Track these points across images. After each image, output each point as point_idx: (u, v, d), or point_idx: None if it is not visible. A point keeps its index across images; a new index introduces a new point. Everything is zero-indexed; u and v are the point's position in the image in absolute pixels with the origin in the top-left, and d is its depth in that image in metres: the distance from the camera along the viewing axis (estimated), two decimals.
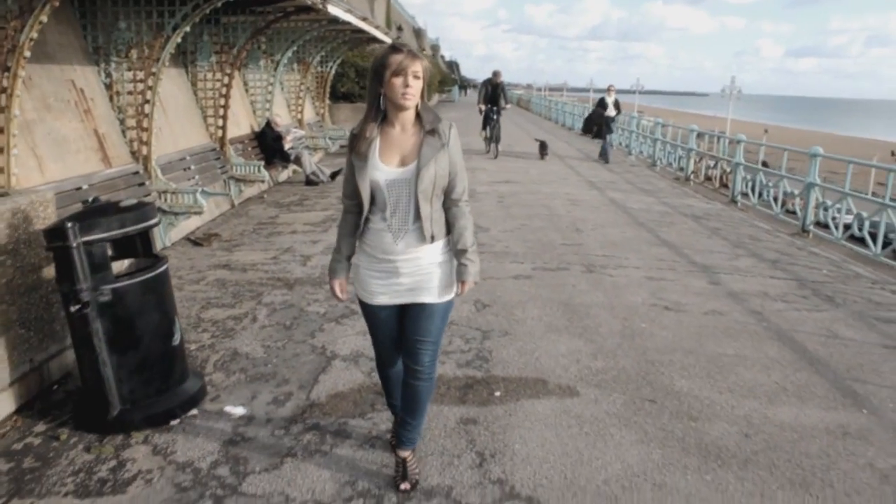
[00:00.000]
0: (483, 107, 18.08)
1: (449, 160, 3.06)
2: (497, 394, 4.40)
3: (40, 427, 4.08)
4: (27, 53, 6.05)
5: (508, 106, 20.36)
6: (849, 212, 9.36)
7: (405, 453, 3.47)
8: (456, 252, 3.19)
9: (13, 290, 4.19)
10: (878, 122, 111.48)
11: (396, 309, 3.24)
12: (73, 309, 3.84)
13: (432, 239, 3.09)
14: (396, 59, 2.94)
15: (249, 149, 12.79)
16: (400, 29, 44.51)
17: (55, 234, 3.83)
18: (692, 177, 15.26)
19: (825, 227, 9.91)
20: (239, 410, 4.21)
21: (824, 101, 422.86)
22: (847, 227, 9.42)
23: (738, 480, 3.50)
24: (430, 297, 3.16)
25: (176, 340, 4.22)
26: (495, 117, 17.91)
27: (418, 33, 64.97)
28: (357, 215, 3.18)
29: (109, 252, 3.99)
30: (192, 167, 10.29)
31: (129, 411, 4.03)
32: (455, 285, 3.22)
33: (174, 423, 4.07)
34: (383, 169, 3.03)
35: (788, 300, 6.48)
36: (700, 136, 15.77)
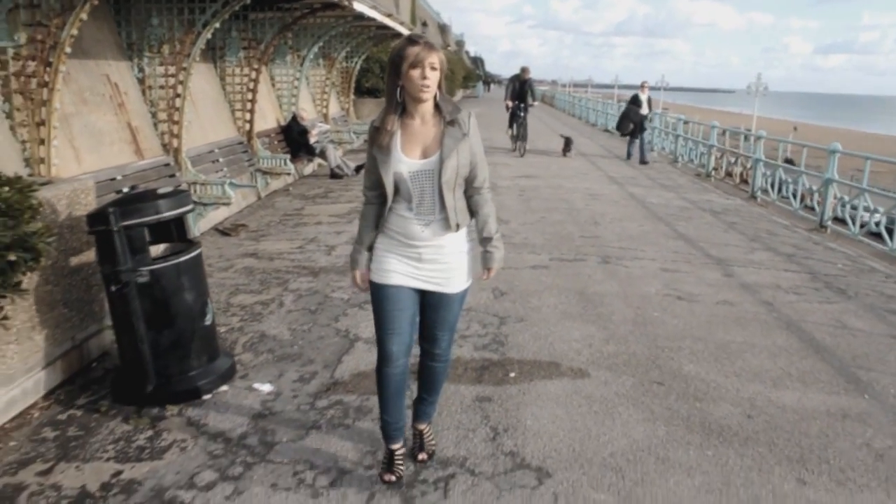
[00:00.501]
0: (510, 103, 17.63)
1: (470, 150, 3.10)
2: (511, 375, 4.61)
3: (81, 400, 4.35)
4: (68, 49, 6.35)
5: (536, 103, 19.88)
6: (867, 208, 9.45)
7: (422, 426, 3.61)
8: (481, 239, 3.27)
9: (57, 271, 4.45)
10: None
11: (412, 293, 3.25)
12: (113, 289, 4.11)
13: (457, 227, 3.13)
14: (413, 51, 2.96)
15: (276, 142, 13.07)
16: (425, 25, 44.74)
17: (98, 218, 4.10)
18: (713, 173, 15.35)
19: (843, 222, 9.99)
20: (267, 387, 4.46)
21: (854, 98, 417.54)
22: (864, 224, 9.51)
23: (738, 456, 3.68)
24: (451, 287, 3.22)
25: (208, 320, 4.48)
26: (522, 115, 17.54)
27: (443, 29, 65.15)
28: (379, 206, 3.23)
29: (147, 236, 4.24)
30: (221, 160, 10.59)
31: (165, 386, 4.29)
32: (471, 273, 3.29)
33: (206, 397, 4.32)
34: (406, 161, 3.07)
35: (800, 292, 6.62)
36: (721, 132, 15.83)
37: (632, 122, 17.37)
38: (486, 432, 3.87)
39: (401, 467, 3.44)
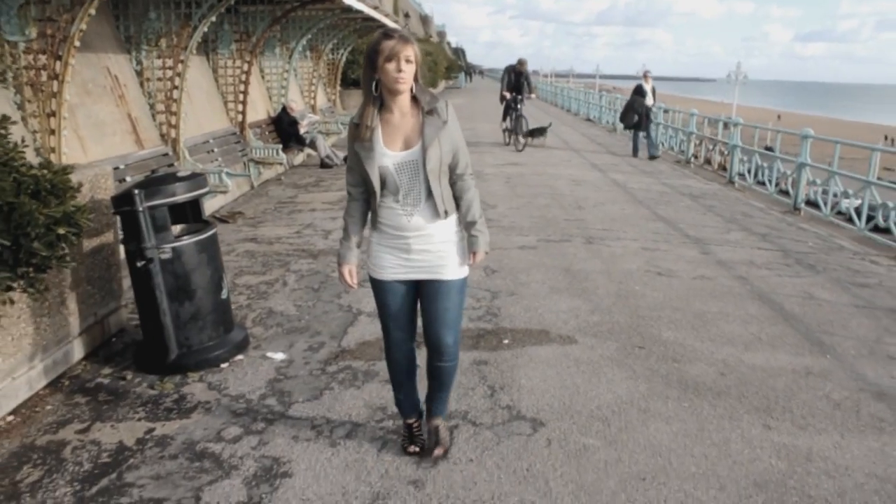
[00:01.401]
0: (508, 95, 16.94)
1: (450, 137, 3.13)
2: (505, 342, 5.01)
3: (106, 370, 4.69)
4: (77, 43, 6.65)
5: (533, 95, 19.37)
6: (836, 192, 9.92)
7: (437, 422, 3.62)
8: (466, 224, 3.29)
9: (81, 251, 4.78)
10: (888, 107, 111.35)
11: (411, 286, 3.29)
12: (139, 264, 4.45)
13: (445, 214, 3.16)
14: (388, 44, 2.98)
15: (267, 133, 13.39)
16: (407, 16, 44.95)
17: (124, 199, 4.44)
18: (692, 160, 15.80)
19: (816, 206, 10.45)
20: (279, 356, 4.83)
21: (833, 86, 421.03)
22: (834, 206, 9.98)
23: (711, 406, 4.10)
24: (445, 273, 3.23)
25: (224, 294, 4.84)
26: (519, 107, 16.93)
27: (425, 20, 65.36)
28: (363, 202, 3.29)
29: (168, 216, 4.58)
30: (216, 150, 10.90)
31: (185, 355, 4.64)
32: (467, 259, 3.33)
33: (224, 366, 4.68)
34: (389, 154, 3.10)
35: (772, 268, 7.06)
36: (701, 120, 16.28)
37: (636, 114, 16.37)
38: (484, 390, 4.27)
39: (422, 438, 3.61)
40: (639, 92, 16.80)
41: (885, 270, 7.29)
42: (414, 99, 3.13)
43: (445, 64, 53.38)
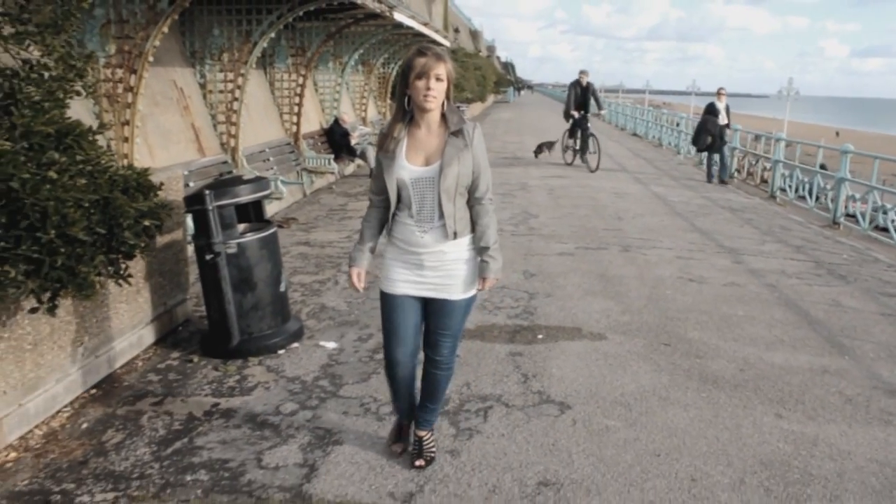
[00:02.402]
0: (576, 114, 15.71)
1: (472, 160, 3.15)
2: (539, 336, 5.38)
3: (175, 354, 5.18)
4: (150, 59, 7.23)
5: (603, 112, 18.28)
6: (875, 205, 10.07)
7: (423, 433, 3.64)
8: (478, 249, 3.28)
9: (155, 245, 5.29)
10: None
11: (417, 302, 3.34)
12: (208, 258, 4.93)
13: (455, 236, 3.18)
14: (420, 62, 3.03)
15: (319, 143, 13.95)
16: (457, 31, 45.60)
17: (195, 199, 4.93)
18: (735, 174, 15.95)
19: (856, 219, 10.61)
20: (331, 345, 5.27)
21: (892, 102, 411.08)
22: (873, 220, 10.13)
23: (728, 397, 4.42)
24: (454, 294, 3.27)
25: (282, 288, 5.30)
26: (588, 125, 15.78)
27: (474, 35, 66.01)
28: (383, 210, 3.33)
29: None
30: (271, 158, 11.47)
31: (247, 342, 5.10)
32: (476, 284, 3.33)
33: (281, 352, 5.13)
34: (408, 168, 3.14)
35: (803, 277, 7.30)
36: (744, 135, 16.44)
37: (710, 135, 14.85)
38: (517, 377, 4.65)
39: (408, 439, 3.71)
40: (711, 111, 15.23)
41: None
42: (443, 117, 3.16)
43: (494, 78, 53.87)
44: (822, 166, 13.60)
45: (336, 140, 14.10)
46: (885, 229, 9.91)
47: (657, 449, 3.78)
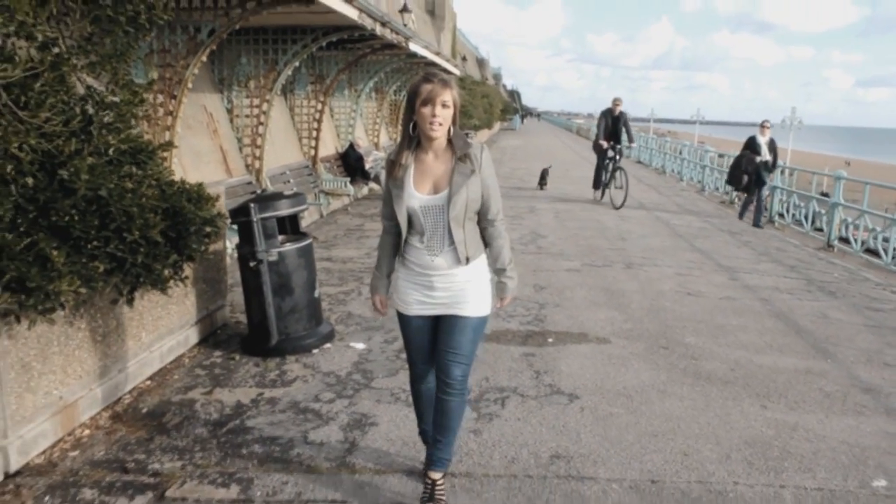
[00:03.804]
0: (605, 144, 14.55)
1: (481, 184, 3.15)
2: (549, 340, 5.91)
3: (217, 353, 5.70)
4: (190, 85, 7.83)
5: (634, 145, 16.87)
6: (866, 228, 10.61)
7: (436, 475, 3.47)
8: (495, 270, 3.36)
9: (199, 254, 5.84)
10: None
11: (431, 321, 3.36)
12: (251, 264, 5.48)
13: (467, 261, 3.20)
14: (426, 88, 3.03)
15: (335, 167, 14.57)
16: (464, 59, 46.46)
17: (241, 212, 5.49)
18: (736, 200, 16.50)
19: (849, 242, 11.14)
20: (360, 346, 5.79)
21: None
22: (864, 242, 10.67)
23: (719, 391, 4.93)
24: (464, 310, 3.26)
25: (316, 294, 5.84)
26: (618, 157, 14.64)
27: (481, 63, 67.06)
28: (396, 235, 3.35)
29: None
30: (291, 180, 12.06)
31: (284, 342, 5.63)
32: (491, 301, 3.38)
33: (315, 351, 5.66)
34: (417, 196, 3.15)
35: (794, 293, 7.82)
36: None
37: (745, 174, 13.23)
38: (530, 373, 5.17)
39: (443, 498, 3.49)
40: (751, 146, 13.42)
41: None
42: (450, 142, 3.16)
43: (501, 106, 54.77)
44: (825, 194, 13.95)
45: (351, 164, 14.71)
46: (877, 252, 10.43)
47: (655, 431, 4.29)
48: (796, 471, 3.88)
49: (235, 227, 5.70)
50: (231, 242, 7.31)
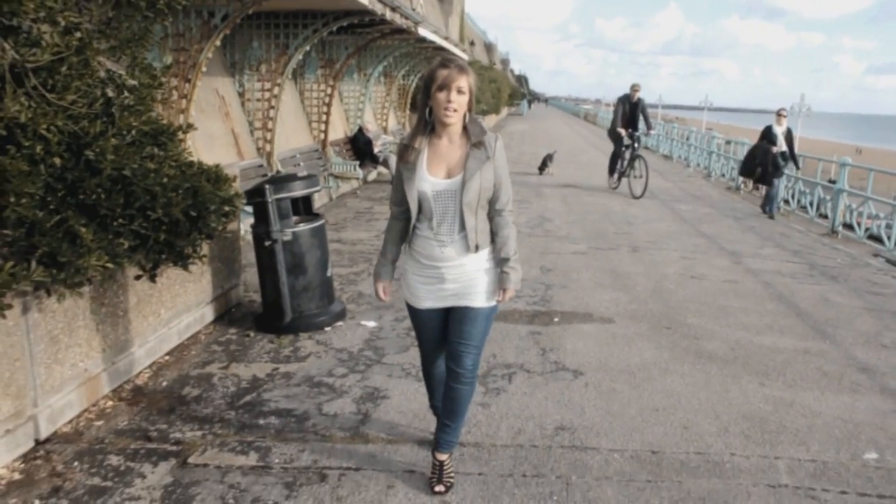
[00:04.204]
0: (623, 132, 13.97)
1: (494, 172, 3.15)
2: (555, 319, 6.07)
3: (233, 330, 5.88)
4: (204, 69, 7.98)
5: (653, 132, 16.34)
6: (870, 215, 10.72)
7: (443, 456, 3.53)
8: (499, 261, 3.30)
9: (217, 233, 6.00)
10: None
11: (442, 312, 3.37)
12: (266, 244, 5.64)
13: (476, 249, 3.19)
14: (443, 73, 3.03)
15: (344, 151, 14.71)
16: (472, 44, 46.42)
17: (257, 192, 5.64)
18: (742, 186, 16.60)
19: (853, 228, 11.25)
20: (371, 324, 5.96)
21: None
22: (867, 228, 10.79)
23: (719, 369, 5.09)
24: (474, 301, 3.27)
25: (328, 273, 6.00)
26: (636, 145, 14.08)
27: (489, 48, 66.90)
28: (404, 222, 3.34)
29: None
30: (301, 164, 12.21)
31: (297, 319, 5.80)
32: (498, 292, 3.35)
33: (327, 329, 5.83)
34: (430, 180, 3.13)
35: (796, 277, 7.96)
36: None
37: (759, 165, 12.68)
38: (537, 351, 5.34)
39: (451, 477, 3.55)
40: (767, 136, 12.85)
41: None
42: (465, 129, 3.16)
43: (508, 91, 54.73)
44: (832, 181, 13.95)
45: (360, 147, 14.86)
46: (880, 239, 10.54)
47: (656, 405, 4.46)
48: (791, 444, 4.03)
49: (249, 208, 5.87)
50: (244, 224, 7.47)
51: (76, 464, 3.76)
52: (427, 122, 3.16)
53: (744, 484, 3.60)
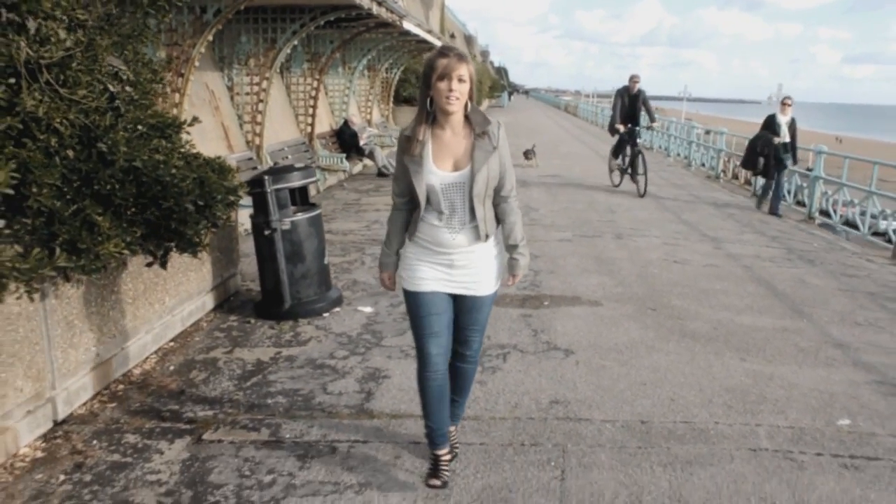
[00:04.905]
0: (621, 127, 13.18)
1: (499, 161, 3.16)
2: (545, 303, 6.31)
3: (233, 317, 6.06)
4: (196, 63, 8.13)
5: (656, 124, 15.17)
6: (845, 202, 11.05)
7: (450, 427, 3.63)
8: (507, 247, 3.34)
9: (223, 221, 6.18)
10: None
11: (448, 297, 3.34)
12: (266, 233, 5.83)
13: (487, 237, 3.22)
14: (442, 62, 3.01)
15: (330, 143, 14.87)
16: (452, 36, 46.51)
17: (256, 183, 5.82)
18: (721, 175, 16.93)
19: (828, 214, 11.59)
20: (368, 309, 6.17)
21: (883, 108, 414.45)
22: (842, 214, 11.12)
23: (702, 346, 5.36)
24: (482, 289, 3.32)
25: (326, 261, 6.20)
26: (637, 140, 13.35)
27: (469, 40, 67.00)
28: (407, 212, 3.34)
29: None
30: (289, 156, 12.36)
31: (296, 306, 5.99)
32: (501, 277, 3.43)
33: (326, 315, 6.03)
34: (438, 173, 3.12)
35: (775, 261, 8.26)
36: (729, 138, 17.43)
37: (761, 156, 11.99)
38: (529, 332, 5.57)
39: (446, 473, 3.47)
40: (769, 126, 12.12)
41: (876, 267, 8.44)
42: (467, 118, 3.15)
43: (489, 83, 54.91)
44: (810, 169, 14.09)
45: (346, 140, 15.02)
46: (855, 225, 10.88)
47: (644, 380, 4.71)
48: (770, 412, 4.30)
49: (244, 200, 6.04)
50: (241, 215, 7.64)
51: (95, 442, 3.95)
52: (428, 113, 3.13)
53: (727, 448, 3.85)
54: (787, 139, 11.85)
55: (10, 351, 3.73)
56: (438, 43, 18.93)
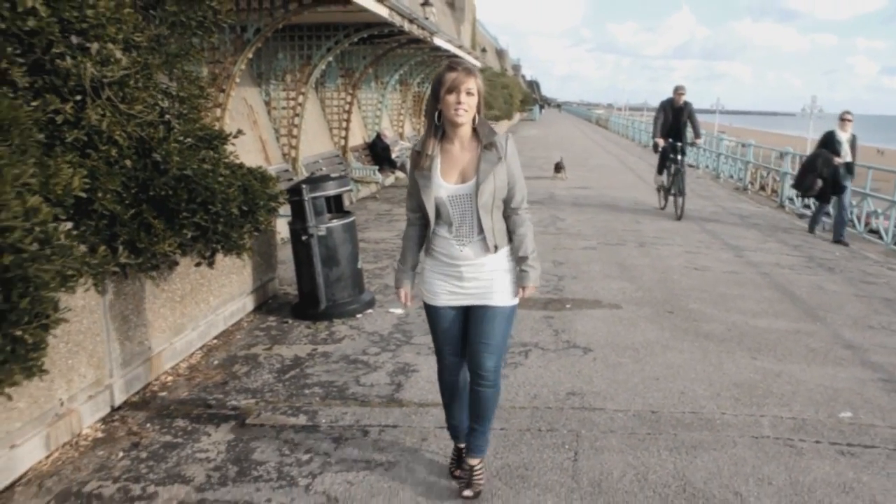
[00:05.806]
0: (661, 142, 12.16)
1: (507, 172, 3.18)
2: (567, 306, 6.62)
3: (272, 318, 6.45)
4: (237, 80, 8.58)
5: (700, 140, 13.35)
6: (869, 212, 11.18)
7: (474, 461, 3.55)
8: (517, 259, 3.31)
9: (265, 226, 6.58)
10: None
11: (461, 311, 3.38)
12: (303, 238, 6.21)
13: (496, 249, 3.23)
14: (451, 76, 3.06)
15: (363, 156, 15.30)
16: (484, 50, 47.02)
17: (294, 191, 6.22)
18: (749, 186, 17.08)
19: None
20: (399, 311, 6.52)
21: None
22: (867, 224, 11.25)
23: (716, 346, 5.62)
24: (494, 300, 3.29)
25: (359, 265, 6.57)
26: (680, 158, 11.85)
27: (500, 54, 67.52)
28: (421, 227, 3.40)
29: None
30: (324, 168, 12.78)
31: (331, 307, 6.36)
32: (516, 292, 3.36)
33: (359, 316, 6.39)
34: (445, 186, 3.18)
35: (794, 268, 8.47)
36: (756, 150, 17.58)
37: (820, 178, 10.69)
38: (550, 332, 5.89)
39: (481, 483, 3.55)
40: (828, 143, 10.82)
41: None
42: (475, 132, 3.19)
43: (520, 97, 55.30)
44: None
45: (378, 153, 15.44)
46: (879, 233, 11.02)
47: (657, 375, 5.00)
48: (775, 405, 4.56)
49: (282, 209, 6.44)
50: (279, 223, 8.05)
51: (149, 425, 4.33)
52: (437, 127, 3.19)
53: (731, 436, 4.13)
54: (849, 158, 10.63)
55: (76, 340, 4.13)
56: (468, 57, 19.35)
